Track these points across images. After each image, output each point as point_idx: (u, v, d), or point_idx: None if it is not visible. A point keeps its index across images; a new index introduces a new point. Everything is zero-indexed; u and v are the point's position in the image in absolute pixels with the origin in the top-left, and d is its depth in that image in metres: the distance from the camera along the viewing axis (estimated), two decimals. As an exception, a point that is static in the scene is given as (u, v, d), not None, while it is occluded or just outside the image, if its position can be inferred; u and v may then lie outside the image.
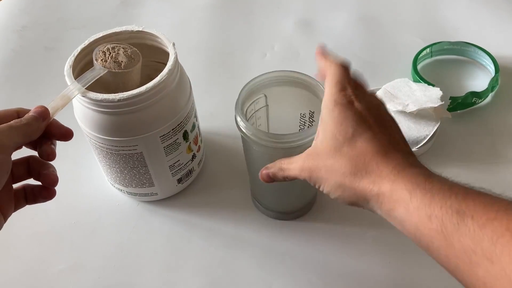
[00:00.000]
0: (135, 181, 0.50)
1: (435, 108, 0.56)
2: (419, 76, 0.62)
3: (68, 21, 0.79)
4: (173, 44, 0.46)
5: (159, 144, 0.47)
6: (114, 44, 0.46)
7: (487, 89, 0.60)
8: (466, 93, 0.59)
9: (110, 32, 0.48)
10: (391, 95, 0.59)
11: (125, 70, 0.44)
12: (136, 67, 0.45)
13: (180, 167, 0.51)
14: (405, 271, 0.47)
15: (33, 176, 0.40)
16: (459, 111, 0.60)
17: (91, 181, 0.56)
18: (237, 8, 0.80)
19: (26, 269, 0.49)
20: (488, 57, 0.64)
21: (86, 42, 0.47)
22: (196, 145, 0.52)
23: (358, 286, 0.47)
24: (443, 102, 0.56)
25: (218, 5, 0.80)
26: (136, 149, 0.46)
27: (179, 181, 0.52)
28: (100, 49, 0.45)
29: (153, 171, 0.49)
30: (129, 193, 0.53)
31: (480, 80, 0.64)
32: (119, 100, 0.42)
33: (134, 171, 0.49)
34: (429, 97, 0.57)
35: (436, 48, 0.67)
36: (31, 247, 0.51)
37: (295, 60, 0.70)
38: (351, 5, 0.78)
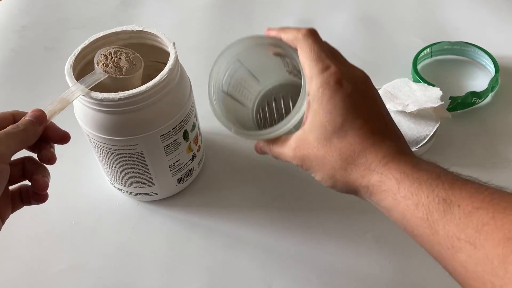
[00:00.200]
0: (135, 181, 0.50)
1: (435, 108, 0.56)
2: (419, 76, 0.62)
3: (68, 21, 0.79)
4: (174, 44, 0.46)
5: (159, 143, 0.47)
6: (117, 49, 0.45)
7: (487, 89, 0.60)
8: (466, 93, 0.59)
9: (110, 32, 0.48)
10: (391, 95, 0.59)
11: (125, 76, 0.44)
12: (137, 74, 0.45)
13: (180, 166, 0.51)
14: (405, 271, 0.47)
15: (27, 178, 0.40)
16: (459, 111, 0.60)
17: (91, 181, 0.56)
18: (237, 8, 0.80)
19: (26, 269, 0.49)
20: (488, 57, 0.64)
21: (87, 42, 0.47)
22: (196, 144, 0.52)
23: (358, 286, 0.47)
24: (443, 102, 0.56)
25: (218, 5, 0.80)
26: (136, 148, 0.46)
27: (179, 181, 0.52)
28: (102, 53, 0.45)
29: (153, 171, 0.49)
30: (129, 193, 0.53)
31: (480, 80, 0.65)
32: (120, 99, 0.42)
33: (134, 171, 0.49)
34: (429, 97, 0.57)
35: (436, 48, 0.67)
36: (31, 247, 0.51)
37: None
38: (351, 5, 0.78)
